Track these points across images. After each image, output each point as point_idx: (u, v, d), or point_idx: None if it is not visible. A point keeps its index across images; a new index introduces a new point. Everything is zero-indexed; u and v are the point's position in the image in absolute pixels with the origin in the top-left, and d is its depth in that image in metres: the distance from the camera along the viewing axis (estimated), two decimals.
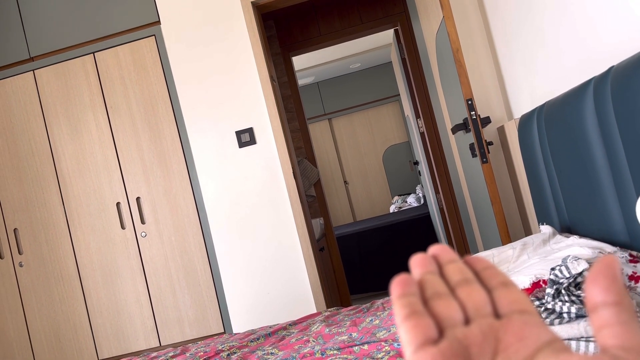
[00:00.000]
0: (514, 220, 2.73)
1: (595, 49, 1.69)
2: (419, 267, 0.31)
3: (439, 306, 0.28)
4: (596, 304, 0.26)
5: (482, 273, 0.30)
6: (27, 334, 3.09)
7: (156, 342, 3.00)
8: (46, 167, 3.09)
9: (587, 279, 0.27)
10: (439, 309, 0.28)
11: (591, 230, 1.69)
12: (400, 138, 7.01)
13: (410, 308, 0.28)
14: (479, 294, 0.28)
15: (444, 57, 2.70)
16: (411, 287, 0.29)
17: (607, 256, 0.27)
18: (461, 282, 0.29)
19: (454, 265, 0.30)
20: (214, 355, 1.80)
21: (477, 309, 0.28)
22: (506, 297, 0.28)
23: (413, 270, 0.31)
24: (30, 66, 3.12)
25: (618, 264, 0.27)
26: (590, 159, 1.56)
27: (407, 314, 0.27)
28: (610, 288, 0.26)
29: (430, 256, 0.31)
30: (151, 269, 3.01)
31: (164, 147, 3.01)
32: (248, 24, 2.90)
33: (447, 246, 0.32)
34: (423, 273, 0.30)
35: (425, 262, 0.31)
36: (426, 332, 0.27)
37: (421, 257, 0.31)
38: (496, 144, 2.76)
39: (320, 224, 3.89)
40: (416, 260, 0.31)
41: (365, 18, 3.95)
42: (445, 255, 0.31)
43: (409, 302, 0.28)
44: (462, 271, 0.30)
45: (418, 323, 0.27)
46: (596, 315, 0.26)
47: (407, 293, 0.29)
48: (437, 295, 0.29)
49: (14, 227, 3.11)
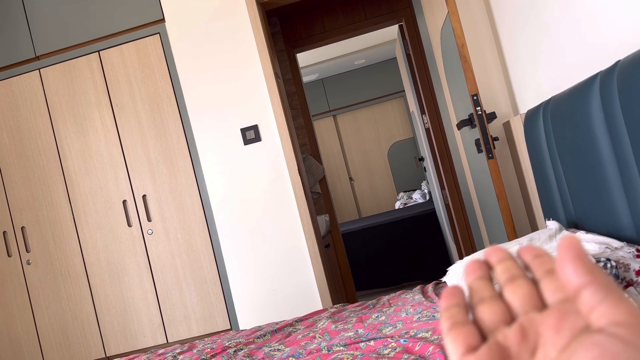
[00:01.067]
0: (520, 216, 2.72)
1: (601, 44, 1.68)
2: (470, 273, 0.32)
3: (482, 312, 0.29)
4: (576, 290, 0.26)
5: (532, 263, 0.30)
6: (35, 331, 3.12)
7: (163, 339, 3.02)
8: (53, 166, 3.11)
9: (557, 268, 0.27)
10: (482, 314, 0.29)
11: (598, 225, 1.68)
12: (405, 134, 6.99)
13: (453, 319, 0.29)
14: (522, 290, 0.29)
15: (448, 53, 2.70)
16: (456, 299, 0.30)
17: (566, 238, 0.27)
18: (507, 280, 0.30)
19: (502, 264, 0.31)
20: (220, 351, 1.81)
21: (522, 306, 0.29)
22: (550, 285, 0.28)
23: (465, 277, 0.32)
24: (36, 65, 3.13)
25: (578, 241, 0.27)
26: (596, 154, 1.55)
27: (450, 325, 0.29)
28: (580, 270, 0.26)
29: (482, 261, 0.32)
30: (158, 266, 3.02)
31: (170, 145, 3.02)
32: (252, 21, 2.90)
33: (499, 246, 0.32)
34: (472, 279, 0.31)
35: (475, 267, 0.32)
36: (468, 341, 0.28)
37: (472, 263, 0.32)
38: (502, 140, 2.75)
39: (326, 221, 3.90)
40: (468, 266, 0.32)
41: (370, 14, 3.93)
42: (497, 255, 0.32)
43: (452, 314, 0.29)
44: (510, 269, 0.31)
45: (459, 333, 0.28)
46: (580, 301, 0.26)
47: (452, 305, 0.30)
48: (482, 300, 0.30)
49: (21, 225, 3.13)
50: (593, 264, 0.26)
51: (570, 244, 0.27)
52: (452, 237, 4.10)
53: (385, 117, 7.05)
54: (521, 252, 0.31)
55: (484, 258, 0.32)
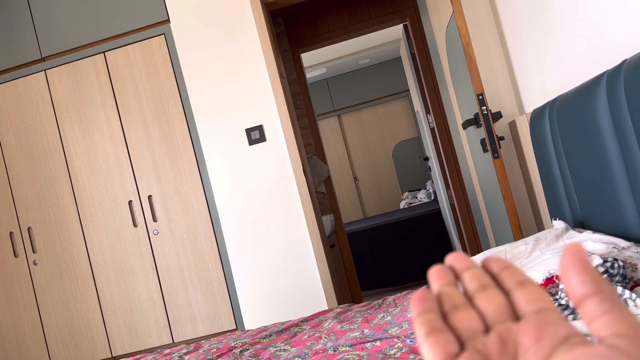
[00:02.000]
0: (526, 216, 2.71)
1: (607, 42, 1.68)
2: (437, 279, 0.31)
3: (457, 319, 0.28)
4: (579, 299, 0.26)
5: (501, 274, 0.30)
6: (42, 331, 3.13)
7: (169, 339, 3.03)
8: (59, 167, 3.12)
9: (561, 276, 0.27)
10: (458, 321, 0.28)
11: (604, 225, 1.68)
12: (410, 134, 6.98)
13: (430, 325, 0.28)
14: (495, 299, 0.28)
15: (454, 52, 2.69)
16: (429, 303, 0.29)
17: (570, 246, 0.27)
18: (478, 289, 0.29)
19: (470, 272, 0.30)
20: (226, 351, 1.82)
21: (496, 315, 0.28)
22: (524, 297, 0.28)
23: (431, 283, 0.31)
24: (42, 66, 3.15)
25: (583, 250, 0.27)
26: (603, 153, 1.55)
27: (427, 331, 0.28)
28: (585, 279, 0.26)
29: (447, 267, 0.31)
30: (163, 266, 3.03)
31: (175, 145, 3.02)
32: (257, 21, 2.90)
33: (462, 253, 0.32)
34: (441, 286, 0.30)
35: (442, 274, 0.31)
36: (447, 348, 0.27)
37: (437, 269, 0.31)
38: (507, 139, 2.74)
39: (331, 221, 3.90)
40: (433, 273, 0.31)
41: (374, 13, 3.93)
42: (461, 263, 0.31)
43: (427, 319, 0.28)
44: (479, 277, 0.30)
45: (438, 339, 0.27)
46: (583, 310, 0.26)
47: (426, 310, 0.29)
48: (455, 307, 0.29)
49: (27, 225, 3.14)
50: (598, 274, 0.26)
51: (575, 252, 0.27)
52: (457, 237, 4.09)
53: (389, 116, 7.04)
54: (488, 263, 0.31)
55: (447, 264, 0.32)
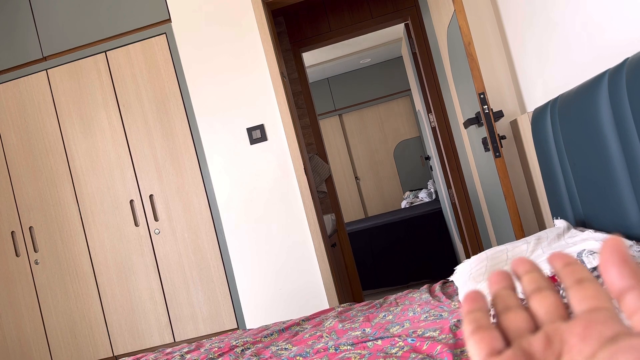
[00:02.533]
0: (528, 215, 2.71)
1: (609, 41, 1.67)
2: (494, 283, 0.32)
3: (507, 319, 0.29)
4: (619, 293, 0.26)
5: (562, 271, 0.30)
6: (43, 330, 3.13)
7: (170, 338, 3.03)
8: (60, 166, 3.12)
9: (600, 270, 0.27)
10: (507, 321, 0.29)
11: (606, 224, 1.67)
12: (411, 133, 6.98)
13: (477, 323, 0.29)
14: (548, 300, 0.29)
15: (455, 51, 2.69)
16: (479, 303, 0.30)
17: (610, 239, 0.27)
18: (534, 290, 0.30)
19: (530, 275, 0.31)
20: (228, 350, 1.82)
21: (547, 315, 0.29)
22: (579, 294, 0.28)
23: (489, 287, 0.32)
24: (43, 66, 3.15)
25: (623, 244, 0.27)
26: (605, 152, 1.54)
27: (474, 328, 0.29)
28: (625, 273, 0.26)
29: (507, 272, 0.32)
30: (165, 265, 3.03)
31: (176, 145, 3.03)
32: (258, 20, 2.90)
33: (525, 257, 0.33)
34: (497, 289, 0.31)
35: (500, 278, 0.32)
36: (491, 345, 0.28)
37: (497, 273, 0.32)
38: (509, 138, 2.73)
39: (332, 220, 3.90)
40: (492, 277, 0.32)
41: (376, 13, 3.93)
42: (524, 266, 0.32)
43: (475, 318, 0.29)
44: (536, 280, 0.31)
45: (483, 336, 0.28)
46: (623, 303, 0.26)
47: (475, 309, 0.30)
48: (507, 308, 0.30)
49: (29, 225, 3.14)
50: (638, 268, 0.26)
51: (615, 245, 0.27)
52: (458, 236, 4.09)
53: (391, 116, 7.04)
54: (551, 259, 0.31)
55: (511, 269, 0.33)
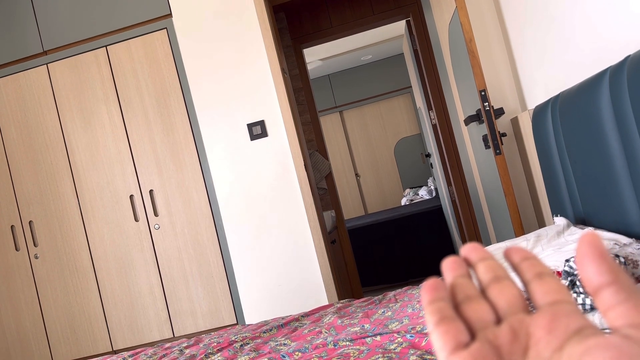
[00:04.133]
0: (528, 212, 2.71)
1: (610, 38, 1.67)
2: (450, 270, 0.31)
3: (469, 309, 0.28)
4: (595, 289, 0.26)
5: (521, 265, 0.30)
6: (42, 325, 3.14)
7: (170, 333, 3.03)
8: (60, 160, 3.12)
9: (577, 265, 0.27)
10: (469, 312, 0.28)
11: (606, 222, 1.67)
12: (411, 130, 6.97)
13: (441, 314, 0.28)
14: (509, 291, 0.28)
15: (456, 48, 2.68)
16: (440, 292, 0.29)
17: (586, 235, 0.27)
18: (492, 280, 0.29)
19: (485, 263, 0.30)
20: (227, 345, 1.82)
21: (509, 307, 0.28)
22: (541, 288, 0.28)
23: (445, 274, 0.31)
24: (44, 60, 3.14)
25: (599, 239, 0.27)
26: (605, 150, 1.54)
27: (438, 319, 0.28)
28: (601, 269, 0.26)
29: (461, 258, 0.31)
30: (164, 260, 3.04)
31: (177, 140, 3.02)
32: (259, 16, 2.90)
33: (477, 244, 0.32)
34: (454, 277, 0.30)
35: (456, 265, 0.31)
36: (457, 337, 0.27)
37: (452, 260, 0.31)
38: (509, 135, 2.73)
39: (332, 217, 3.90)
40: (447, 264, 0.31)
41: (377, 9, 3.92)
42: (477, 254, 0.31)
43: (439, 308, 0.28)
44: (493, 269, 0.30)
45: (449, 328, 0.27)
46: (598, 299, 0.26)
47: (437, 298, 0.29)
48: (468, 298, 0.29)
49: (29, 219, 3.15)
50: (615, 264, 0.26)
51: (591, 241, 0.26)
52: (458, 234, 4.09)
53: (391, 113, 7.03)
54: (509, 253, 0.31)
55: (462, 256, 0.31)
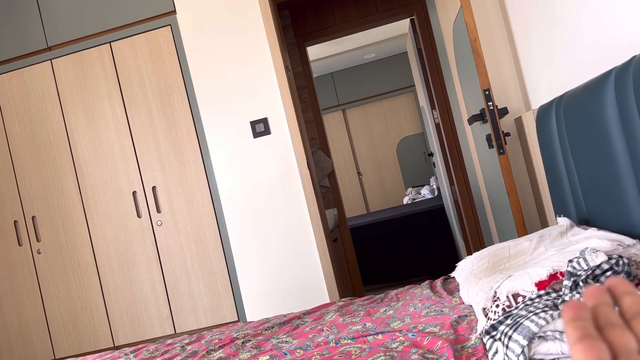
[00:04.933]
0: (531, 212, 2.70)
1: (616, 39, 1.66)
2: (593, 297, 0.31)
3: (612, 335, 0.28)
4: None
5: None
6: (45, 320, 3.15)
7: (171, 330, 3.04)
8: (63, 156, 3.12)
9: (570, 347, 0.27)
10: (612, 337, 0.28)
11: (610, 222, 1.67)
12: (414, 129, 6.97)
13: (584, 331, 0.28)
14: None
15: (461, 47, 2.68)
16: (583, 312, 0.29)
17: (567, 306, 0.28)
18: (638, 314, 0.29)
19: (631, 297, 0.30)
20: (228, 342, 1.82)
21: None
22: None
23: (586, 299, 0.31)
24: (48, 55, 3.15)
25: None
26: (610, 151, 1.54)
27: (581, 336, 0.27)
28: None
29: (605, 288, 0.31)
30: (166, 257, 3.04)
31: (180, 137, 3.03)
32: (263, 13, 2.89)
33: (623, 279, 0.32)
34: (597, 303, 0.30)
35: (599, 293, 0.31)
36: (600, 355, 0.27)
37: (595, 288, 0.31)
38: (513, 135, 2.73)
39: (334, 215, 3.90)
40: (589, 291, 0.31)
41: (381, 7, 3.91)
42: (622, 287, 0.31)
43: (582, 326, 0.28)
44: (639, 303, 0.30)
45: (592, 346, 0.27)
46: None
47: (580, 317, 0.29)
48: (611, 325, 0.28)
49: (32, 214, 3.15)
50: None
51: None
52: (460, 233, 4.09)
53: (394, 111, 7.02)
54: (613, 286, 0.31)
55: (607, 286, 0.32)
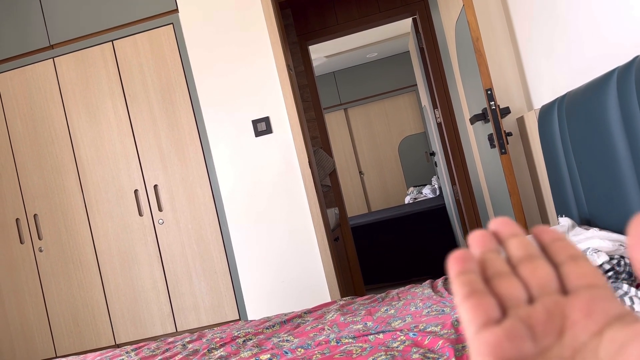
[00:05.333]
0: (532, 212, 2.70)
1: (618, 39, 1.66)
2: (478, 245, 0.29)
3: (500, 285, 0.27)
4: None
5: (551, 246, 0.28)
6: (46, 317, 3.15)
7: (172, 328, 3.04)
8: (65, 154, 3.13)
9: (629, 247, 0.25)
10: (500, 288, 0.26)
11: (611, 222, 1.67)
12: (416, 129, 6.96)
13: (471, 286, 0.26)
14: (543, 270, 0.27)
15: (463, 47, 2.67)
16: (470, 264, 0.27)
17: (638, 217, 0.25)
18: (524, 258, 0.27)
19: (516, 239, 0.28)
20: (230, 341, 1.82)
21: (542, 287, 0.26)
22: (574, 271, 0.27)
23: (472, 248, 0.29)
24: (50, 54, 3.15)
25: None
26: (612, 151, 1.53)
27: (468, 292, 0.26)
28: None
29: (489, 232, 0.29)
30: (168, 255, 3.04)
31: (181, 136, 3.03)
32: (265, 12, 2.89)
33: (509, 219, 0.30)
34: (483, 251, 0.28)
35: (485, 239, 0.29)
36: (488, 312, 0.25)
37: (480, 234, 0.29)
38: (515, 135, 2.72)
39: (335, 214, 3.90)
40: (475, 237, 0.29)
41: (384, 7, 3.91)
42: (507, 229, 0.29)
43: (469, 280, 0.26)
44: (526, 246, 0.28)
45: (480, 302, 0.25)
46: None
47: (467, 270, 0.27)
48: (499, 274, 0.27)
49: (34, 212, 3.16)
50: None
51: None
52: (461, 233, 4.08)
53: (396, 111, 7.02)
54: (538, 233, 0.29)
55: (491, 229, 0.29)
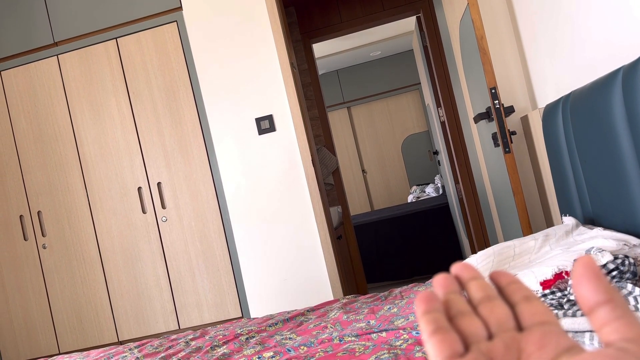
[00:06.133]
0: (536, 212, 2.69)
1: (623, 37, 1.65)
2: (442, 287, 0.32)
3: (463, 323, 0.30)
4: (590, 307, 0.27)
5: (507, 288, 0.32)
6: (50, 314, 3.16)
7: (175, 325, 3.05)
8: (69, 152, 3.14)
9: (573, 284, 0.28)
10: (463, 326, 0.30)
11: (615, 222, 1.66)
12: (419, 127, 6.95)
13: (436, 324, 0.29)
14: (501, 310, 0.30)
15: (467, 45, 2.67)
16: (435, 304, 0.30)
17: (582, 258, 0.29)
18: (484, 299, 0.31)
19: (476, 282, 0.32)
20: (233, 338, 1.83)
21: (500, 324, 0.29)
22: (528, 310, 0.30)
23: (436, 290, 0.32)
24: (54, 51, 3.16)
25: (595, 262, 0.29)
26: (616, 150, 1.53)
27: (434, 329, 0.29)
28: (598, 288, 0.27)
29: (452, 276, 0.33)
30: (171, 253, 3.05)
31: (185, 133, 3.03)
32: (269, 10, 2.89)
33: (469, 264, 0.33)
34: (446, 293, 0.32)
35: (447, 282, 0.32)
36: (453, 346, 0.28)
37: (443, 277, 0.33)
38: (519, 134, 2.72)
39: (338, 212, 3.90)
40: (438, 280, 0.32)
41: (388, 5, 3.90)
42: (467, 273, 0.33)
43: (434, 318, 0.29)
44: (484, 288, 0.32)
45: (445, 338, 0.28)
46: (593, 316, 0.28)
47: (432, 309, 0.30)
48: (461, 313, 0.30)
49: (37, 209, 3.17)
50: (610, 285, 0.28)
51: (587, 263, 0.28)
52: (464, 232, 4.08)
53: (399, 109, 7.01)
54: (495, 276, 0.32)
55: (453, 273, 0.33)
